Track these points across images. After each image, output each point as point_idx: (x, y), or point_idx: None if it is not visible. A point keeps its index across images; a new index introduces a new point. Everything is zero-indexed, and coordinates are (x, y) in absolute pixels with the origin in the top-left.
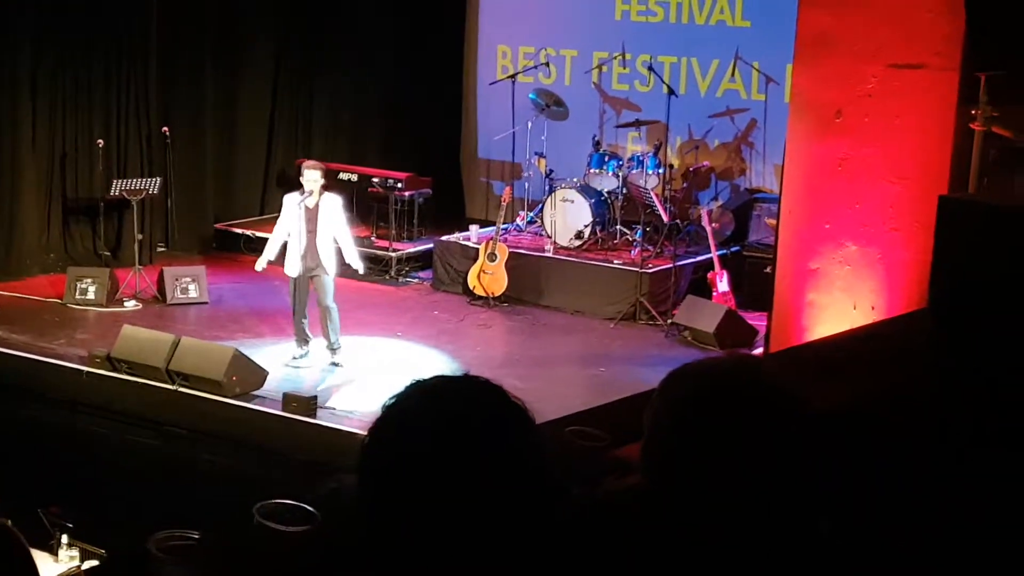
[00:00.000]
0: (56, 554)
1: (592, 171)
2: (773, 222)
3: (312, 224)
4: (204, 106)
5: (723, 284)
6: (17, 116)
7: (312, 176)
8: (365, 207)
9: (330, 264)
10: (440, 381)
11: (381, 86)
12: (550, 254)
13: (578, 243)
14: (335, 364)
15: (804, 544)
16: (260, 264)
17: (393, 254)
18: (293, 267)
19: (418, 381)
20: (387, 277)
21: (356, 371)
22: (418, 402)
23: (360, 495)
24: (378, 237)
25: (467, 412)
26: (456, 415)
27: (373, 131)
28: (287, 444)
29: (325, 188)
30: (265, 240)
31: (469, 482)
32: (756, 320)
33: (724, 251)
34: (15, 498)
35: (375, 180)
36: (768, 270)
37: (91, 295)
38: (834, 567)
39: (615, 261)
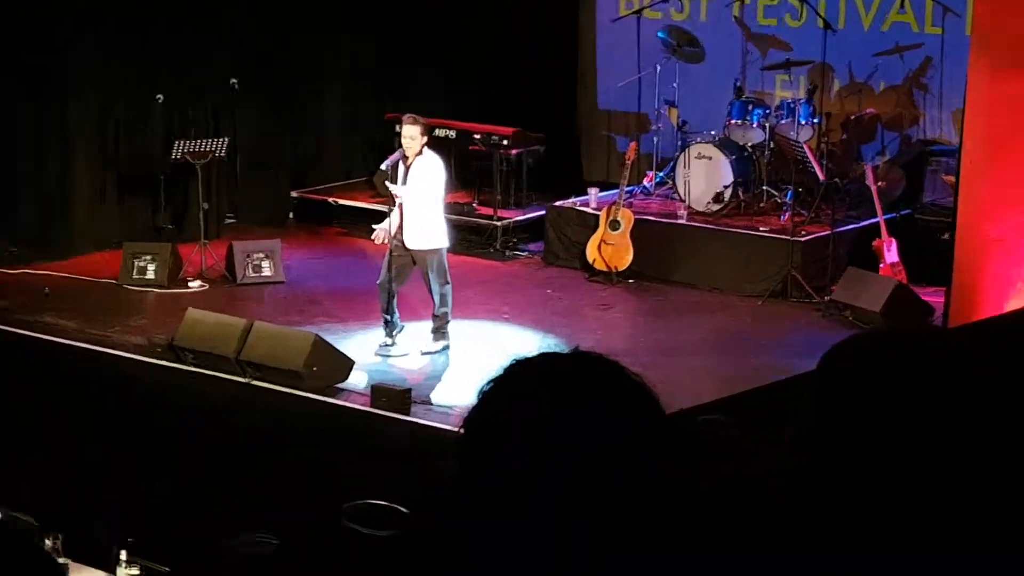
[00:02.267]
0: (114, 572)
1: (733, 122)
2: (951, 179)
3: (406, 183)
4: (278, 54)
5: (891, 254)
6: (66, 70)
7: (411, 132)
8: (465, 168)
9: (434, 236)
10: (545, 359)
11: (481, 26)
12: (683, 221)
13: (717, 207)
14: (435, 351)
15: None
16: (378, 236)
17: (498, 223)
18: (391, 229)
19: (519, 360)
20: (491, 250)
21: (457, 360)
22: (521, 385)
23: (456, 496)
24: (480, 203)
25: (579, 393)
26: (566, 398)
27: (473, 80)
28: (376, 443)
29: (426, 147)
30: (351, 210)
31: (583, 479)
32: (931, 296)
33: (892, 215)
34: (65, 504)
35: (476, 137)
36: (945, 237)
37: (150, 274)
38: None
39: (761, 228)
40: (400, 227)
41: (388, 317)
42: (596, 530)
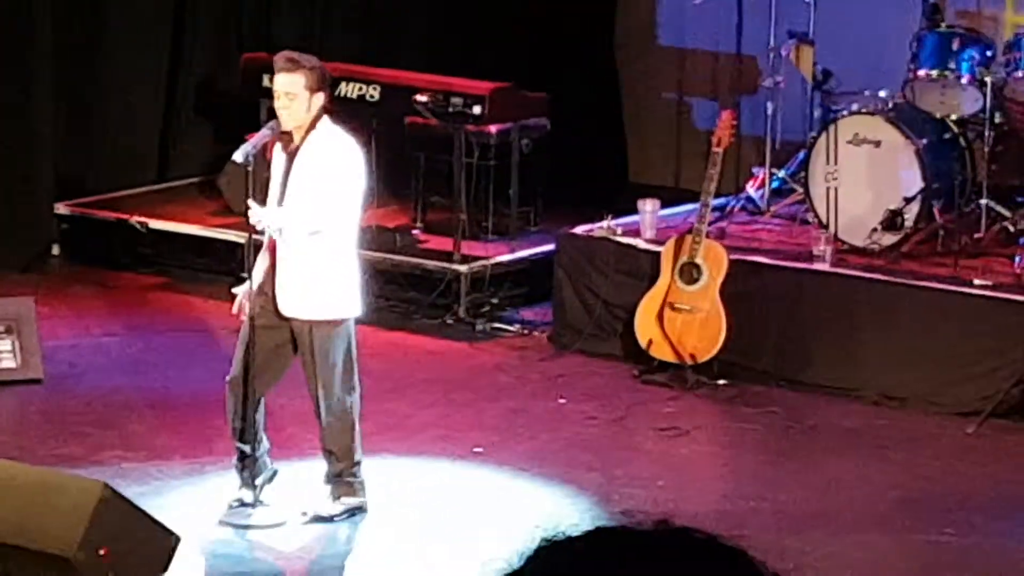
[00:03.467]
0: None
1: (922, 74)
2: None
3: (282, 191)
4: None
5: None
6: None
7: (289, 85)
8: (399, 161)
9: (335, 293)
10: (600, 541)
11: None
12: (825, 266)
13: (893, 240)
14: (334, 517)
15: None
16: (241, 302)
17: (463, 267)
18: (252, 296)
19: (552, 543)
20: (451, 321)
21: (377, 537)
22: None
23: None
24: (427, 228)
25: None
26: None
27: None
28: None
29: (323, 114)
30: (180, 237)
31: None
32: None
33: None
34: None
35: (420, 100)
36: None
37: None
38: None
39: (977, 282)
40: (271, 276)
41: (246, 448)
42: None
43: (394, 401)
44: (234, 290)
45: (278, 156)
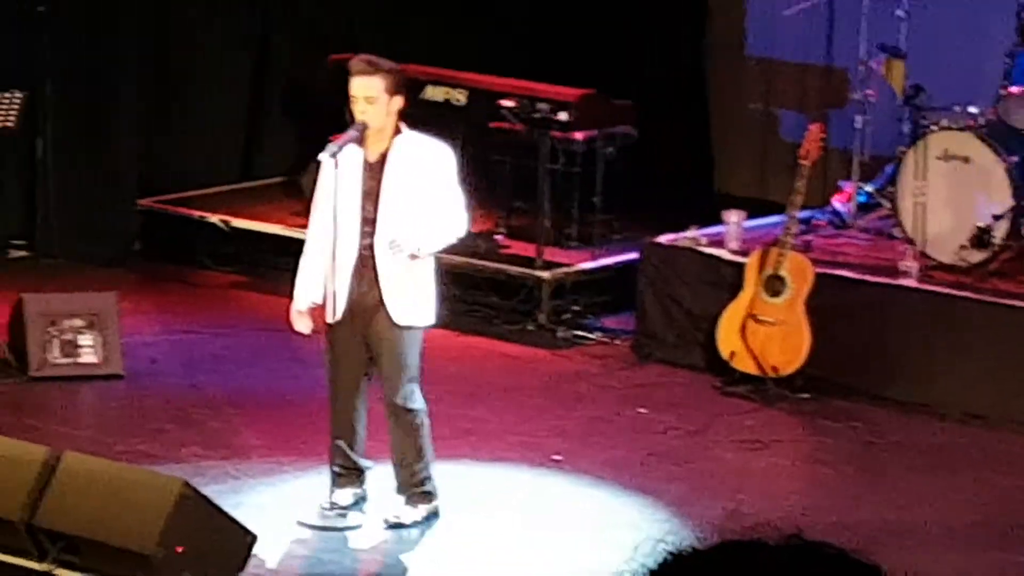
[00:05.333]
0: None
1: (1016, 90)
2: None
3: (373, 200)
4: None
5: None
6: None
7: (368, 89)
8: (481, 164)
9: (413, 293)
10: (730, 555)
11: None
12: (913, 282)
13: (980, 257)
14: (414, 524)
15: None
16: (299, 319)
17: (545, 275)
18: (329, 300)
19: (680, 555)
20: (532, 327)
21: (466, 543)
22: None
23: None
24: (510, 234)
25: None
26: None
27: (504, 4)
28: None
29: (403, 119)
30: (263, 237)
31: None
32: None
33: None
34: None
35: (507, 105)
36: None
37: None
38: None
39: None
40: (371, 281)
41: (348, 455)
42: None
43: (473, 407)
44: (299, 309)
45: (353, 163)
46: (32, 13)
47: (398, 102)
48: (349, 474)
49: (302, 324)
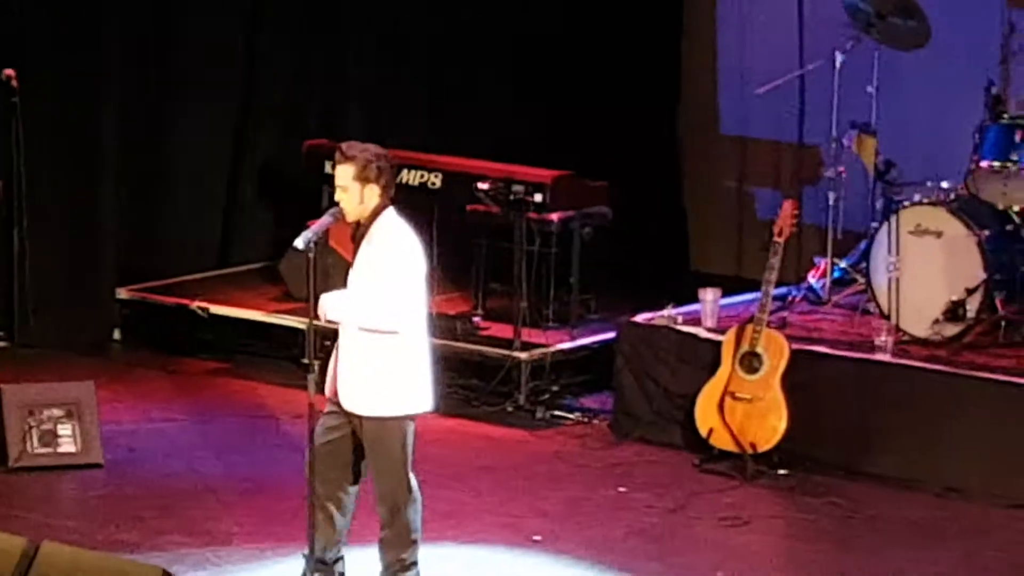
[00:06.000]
0: None
1: (985, 165)
2: None
3: (344, 283)
4: (98, 37)
5: None
6: None
7: (340, 175)
8: (457, 246)
9: (373, 381)
10: None
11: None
12: (887, 356)
13: (955, 331)
14: None
15: None
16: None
17: (523, 355)
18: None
19: None
20: (511, 408)
21: None
22: None
23: None
24: (487, 315)
25: None
26: None
27: (485, 85)
28: None
29: (387, 204)
30: (242, 323)
31: None
32: None
33: None
34: None
35: (482, 188)
36: None
37: None
38: None
39: None
40: (336, 360)
41: (326, 545)
42: None
43: (453, 488)
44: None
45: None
46: (6, 103)
47: (373, 190)
48: (319, 568)
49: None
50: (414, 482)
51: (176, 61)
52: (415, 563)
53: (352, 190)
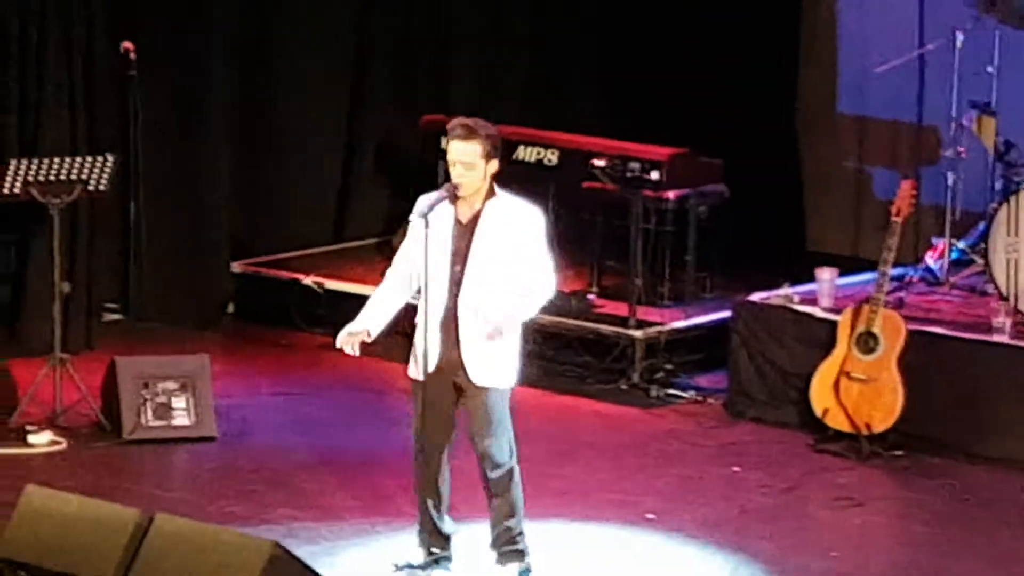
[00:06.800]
0: None
1: None
2: None
3: (461, 260)
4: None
5: None
6: None
7: (465, 153)
8: (573, 223)
9: (495, 355)
10: None
11: None
12: (1006, 338)
13: None
14: None
15: None
16: (348, 339)
17: (638, 333)
18: (420, 357)
19: None
20: (625, 386)
21: None
22: None
23: None
24: (602, 293)
25: None
26: None
27: (598, 60)
28: None
29: (497, 180)
30: (356, 298)
31: None
32: None
33: None
34: None
35: (598, 164)
36: None
37: None
38: None
39: None
40: (454, 340)
41: (431, 516)
42: None
43: (567, 465)
44: (352, 331)
45: (444, 221)
46: (124, 77)
47: (494, 166)
48: (431, 534)
49: (349, 345)
50: (513, 453)
51: (288, 36)
52: (523, 532)
53: (479, 166)
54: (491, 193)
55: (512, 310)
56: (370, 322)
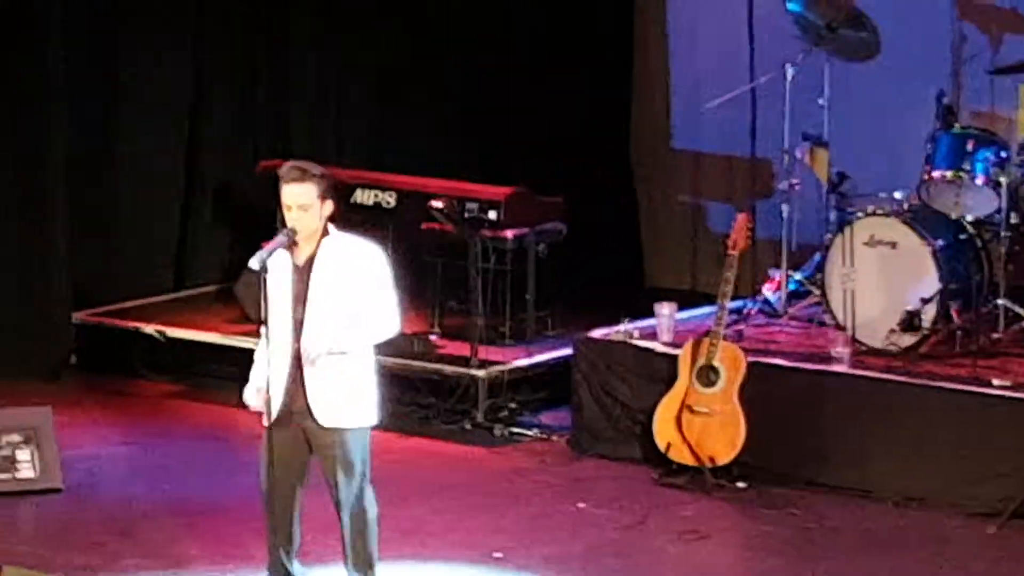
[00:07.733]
0: None
1: (937, 175)
2: None
3: (301, 303)
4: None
5: None
6: None
7: (299, 196)
8: (413, 265)
9: (344, 395)
10: None
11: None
12: (843, 367)
13: (911, 341)
14: None
15: None
16: (259, 395)
17: (481, 373)
18: (266, 404)
19: None
20: (469, 426)
21: None
22: None
23: None
24: (444, 333)
25: None
26: None
27: (434, 101)
28: None
29: (336, 225)
30: (199, 345)
31: None
32: None
33: None
34: None
35: (436, 206)
36: None
37: None
38: None
39: (996, 383)
40: (299, 384)
41: (282, 559)
42: None
43: (412, 507)
44: (251, 403)
45: (283, 266)
46: None
47: (330, 207)
48: None
49: (255, 400)
50: (370, 495)
51: (126, 82)
52: (376, 569)
53: (315, 208)
54: (326, 233)
55: (333, 344)
56: (264, 376)
